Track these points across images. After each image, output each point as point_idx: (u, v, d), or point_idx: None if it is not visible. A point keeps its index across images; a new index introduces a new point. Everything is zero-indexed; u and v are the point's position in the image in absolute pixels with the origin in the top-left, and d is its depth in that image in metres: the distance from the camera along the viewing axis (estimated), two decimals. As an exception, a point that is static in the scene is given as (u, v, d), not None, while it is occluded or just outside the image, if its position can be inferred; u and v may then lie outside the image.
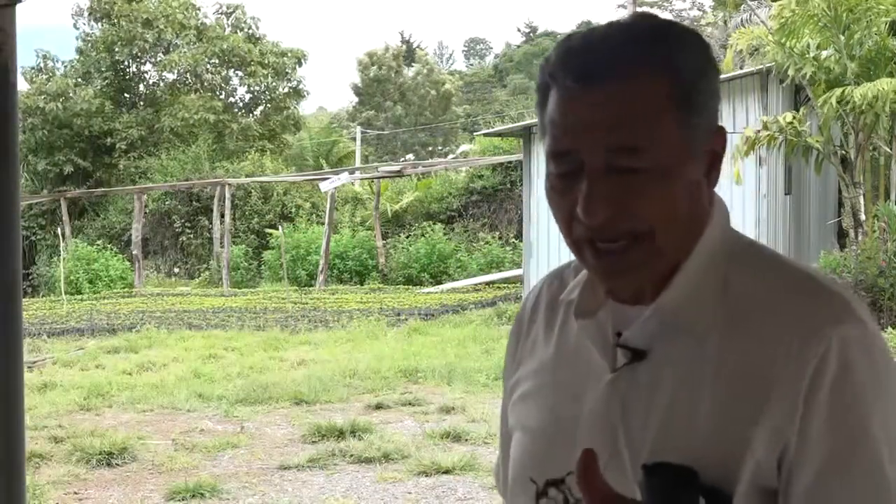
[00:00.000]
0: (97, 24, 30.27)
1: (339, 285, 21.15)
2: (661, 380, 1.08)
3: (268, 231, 23.82)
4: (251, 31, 31.44)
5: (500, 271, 20.03)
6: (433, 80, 47.04)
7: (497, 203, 22.94)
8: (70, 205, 25.24)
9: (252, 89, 31.58)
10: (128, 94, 30.50)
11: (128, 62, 30.19)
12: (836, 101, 11.26)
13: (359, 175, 25.25)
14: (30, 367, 10.67)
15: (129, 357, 11.94)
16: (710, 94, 1.08)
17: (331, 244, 21.32)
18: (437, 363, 10.35)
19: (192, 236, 25.55)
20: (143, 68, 30.88)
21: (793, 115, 11.94)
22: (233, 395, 9.21)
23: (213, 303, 18.32)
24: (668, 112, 1.03)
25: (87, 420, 8.44)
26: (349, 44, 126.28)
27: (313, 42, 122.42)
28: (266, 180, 24.98)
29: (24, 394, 2.25)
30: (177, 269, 25.61)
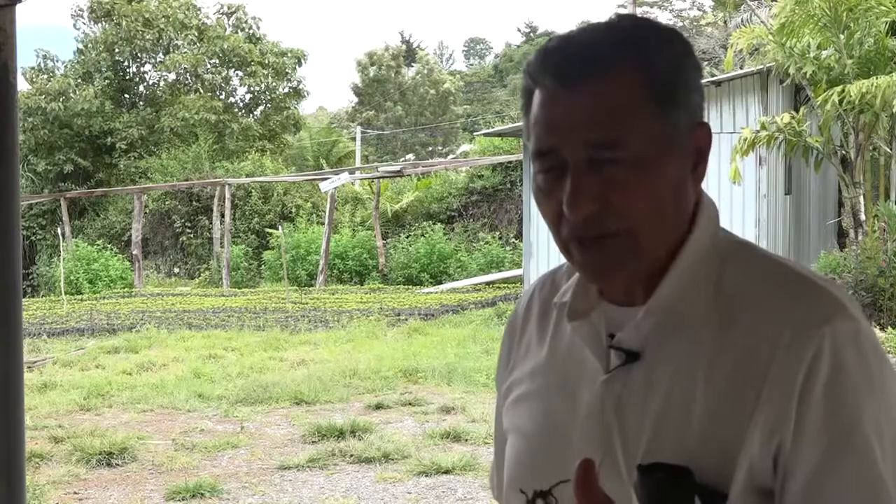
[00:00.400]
0: (97, 25, 30.26)
1: (339, 285, 21.16)
2: (655, 380, 1.08)
3: (268, 231, 23.81)
4: (252, 31, 31.42)
5: (500, 271, 20.03)
6: (433, 80, 47.01)
7: (497, 203, 22.93)
8: (70, 205, 25.23)
9: (252, 89, 31.54)
10: (128, 94, 30.46)
11: (128, 62, 30.16)
12: (837, 97, 11.25)
13: (359, 175, 25.27)
14: (30, 367, 10.67)
15: (129, 357, 11.93)
16: (689, 89, 1.09)
17: (331, 244, 21.32)
18: (437, 363, 10.34)
19: (192, 236, 25.55)
20: (143, 68, 30.84)
21: (791, 115, 11.95)
22: (233, 395, 9.22)
23: (213, 303, 18.31)
24: (643, 106, 1.05)
25: (86, 420, 8.44)
26: (349, 44, 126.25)
27: (313, 42, 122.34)
28: (266, 180, 24.97)
29: (24, 394, 2.25)
30: (177, 269, 25.61)
